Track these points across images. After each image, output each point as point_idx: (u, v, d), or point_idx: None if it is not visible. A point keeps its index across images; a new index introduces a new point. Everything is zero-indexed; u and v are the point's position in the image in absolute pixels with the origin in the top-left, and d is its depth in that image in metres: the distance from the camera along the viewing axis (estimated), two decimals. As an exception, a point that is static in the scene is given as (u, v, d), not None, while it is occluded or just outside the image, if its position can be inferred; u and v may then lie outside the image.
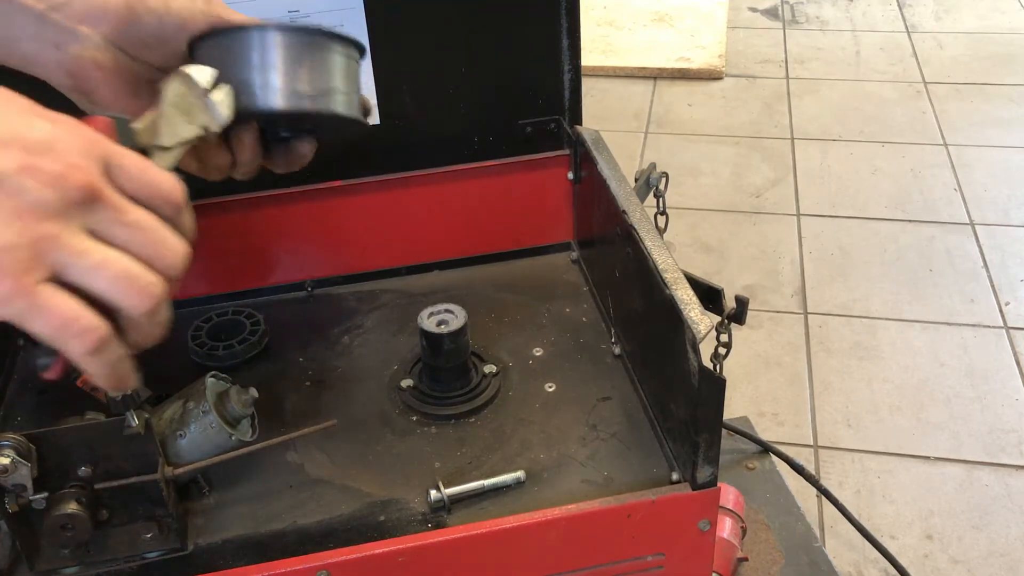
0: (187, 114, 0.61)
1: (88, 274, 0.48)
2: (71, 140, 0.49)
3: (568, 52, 0.87)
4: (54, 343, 0.48)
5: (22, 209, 0.46)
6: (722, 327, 0.65)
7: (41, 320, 0.47)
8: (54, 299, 0.47)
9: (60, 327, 0.47)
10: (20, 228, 0.46)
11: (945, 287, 1.82)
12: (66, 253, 0.47)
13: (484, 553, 0.64)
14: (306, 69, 0.65)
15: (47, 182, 0.47)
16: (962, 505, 1.38)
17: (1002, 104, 2.46)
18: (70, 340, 0.48)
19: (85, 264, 0.48)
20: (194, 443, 0.66)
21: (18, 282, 0.46)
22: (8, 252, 0.45)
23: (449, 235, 0.92)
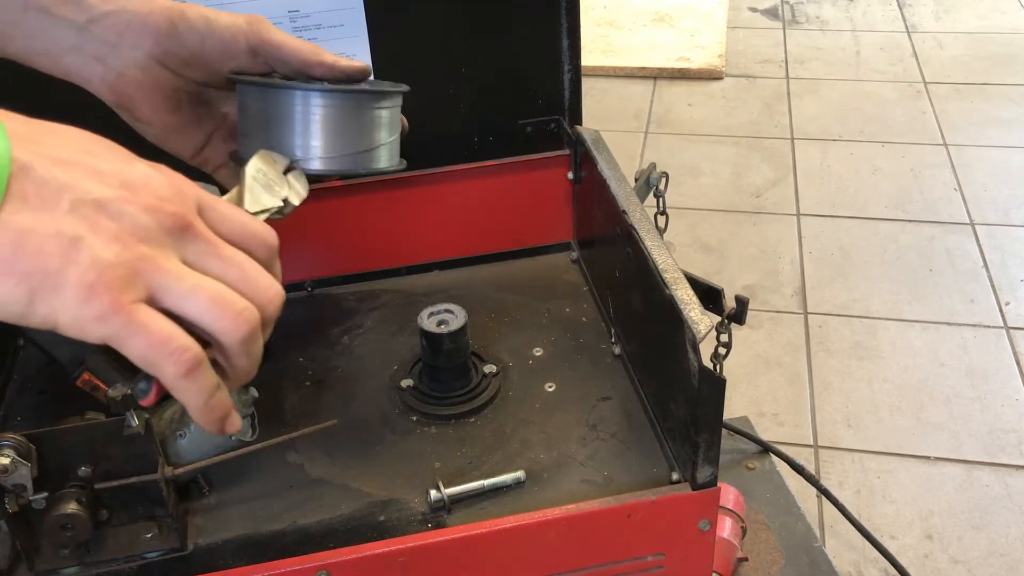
0: (267, 188, 0.63)
1: (184, 297, 0.48)
2: (167, 181, 0.50)
3: (568, 52, 0.87)
4: (147, 365, 0.48)
5: (121, 231, 0.47)
6: (722, 327, 0.65)
7: (136, 340, 0.47)
8: (150, 318, 0.47)
9: (155, 346, 0.47)
10: (119, 249, 0.46)
11: (945, 287, 1.82)
12: (162, 276, 0.48)
13: (484, 553, 0.64)
14: (349, 133, 0.66)
15: (144, 209, 0.48)
16: (962, 505, 1.38)
17: (1002, 104, 2.46)
18: (164, 361, 0.48)
19: (181, 287, 0.48)
20: (194, 443, 0.66)
21: (116, 300, 0.46)
22: (108, 270, 0.45)
23: (449, 235, 0.92)
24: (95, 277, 0.45)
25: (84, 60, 0.63)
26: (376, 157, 0.68)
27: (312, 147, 0.65)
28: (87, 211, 0.46)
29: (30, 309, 0.45)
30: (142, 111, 0.65)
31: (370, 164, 0.68)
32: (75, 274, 0.45)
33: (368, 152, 0.67)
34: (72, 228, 0.45)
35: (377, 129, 0.68)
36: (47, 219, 0.45)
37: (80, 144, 0.48)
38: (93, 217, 0.46)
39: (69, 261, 0.45)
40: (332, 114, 0.65)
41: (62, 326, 0.46)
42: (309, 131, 0.65)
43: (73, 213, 0.45)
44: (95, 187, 0.47)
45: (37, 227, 0.44)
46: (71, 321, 0.45)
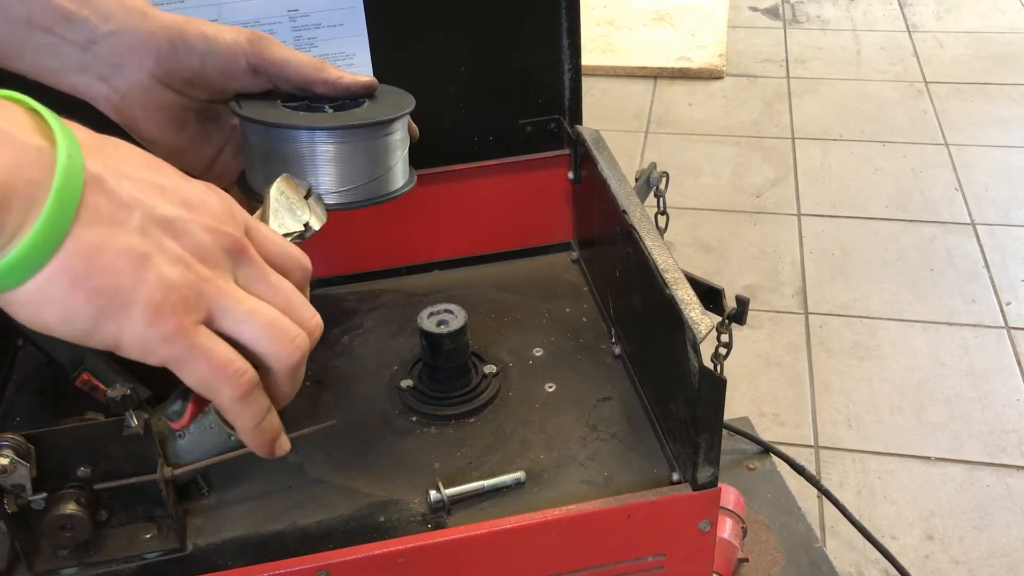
0: (290, 212, 0.63)
1: (241, 320, 0.48)
2: (220, 200, 0.50)
3: (568, 51, 0.87)
4: (205, 389, 0.48)
5: (186, 251, 0.46)
6: (722, 327, 0.65)
7: (197, 363, 0.47)
8: (211, 342, 0.47)
9: (215, 370, 0.47)
10: (184, 269, 0.46)
11: (946, 287, 1.82)
12: (222, 298, 0.48)
13: (484, 554, 0.64)
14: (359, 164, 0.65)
15: (205, 229, 0.47)
16: (963, 505, 1.38)
17: (1003, 104, 2.46)
18: (222, 384, 0.48)
19: (239, 309, 0.48)
20: (193, 443, 0.66)
21: (181, 322, 0.45)
22: (174, 291, 0.45)
23: (449, 235, 0.92)
24: (162, 297, 0.45)
25: (89, 80, 0.63)
26: (390, 181, 0.67)
27: (322, 183, 0.64)
28: (154, 228, 0.45)
29: (96, 327, 0.44)
30: (148, 131, 0.65)
31: (384, 189, 0.67)
32: (144, 293, 0.44)
33: (381, 178, 0.66)
34: (141, 245, 0.44)
35: (388, 154, 0.67)
36: (119, 235, 0.44)
37: (139, 159, 0.48)
38: (159, 235, 0.45)
39: (139, 280, 0.44)
40: (338, 149, 0.64)
41: (125, 346, 0.45)
42: (317, 169, 0.64)
43: (142, 231, 0.45)
44: (161, 204, 0.46)
45: (109, 242, 0.43)
46: (136, 342, 0.45)
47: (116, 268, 0.43)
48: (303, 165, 0.64)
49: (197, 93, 0.65)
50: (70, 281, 0.42)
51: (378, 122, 0.65)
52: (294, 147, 0.64)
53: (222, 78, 0.64)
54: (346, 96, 0.67)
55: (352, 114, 0.66)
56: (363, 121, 0.64)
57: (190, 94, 0.65)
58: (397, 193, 0.69)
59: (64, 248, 0.42)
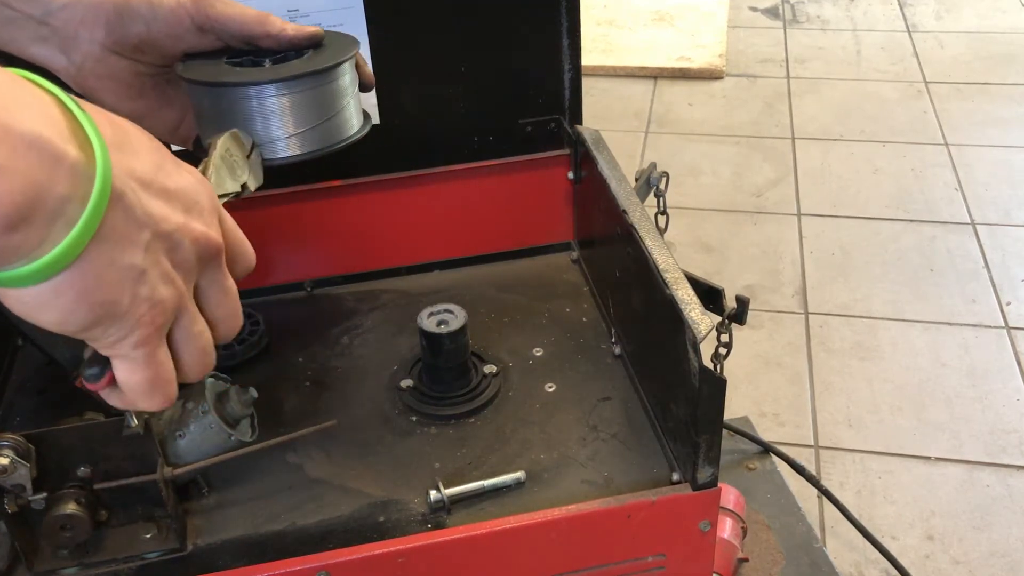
0: (231, 170, 0.63)
1: (186, 340, 0.50)
2: (207, 197, 0.50)
3: (568, 51, 0.87)
4: (129, 390, 0.49)
5: (175, 267, 0.48)
6: (722, 327, 0.65)
7: (144, 374, 0.48)
8: (166, 360, 0.49)
9: (152, 384, 0.49)
10: (171, 288, 0.47)
11: (946, 287, 1.82)
12: (185, 317, 0.49)
13: (484, 554, 0.64)
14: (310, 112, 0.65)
15: (194, 241, 0.48)
16: (963, 506, 1.38)
17: (1003, 104, 2.46)
18: (149, 396, 0.49)
19: (190, 331, 0.50)
20: (193, 443, 0.66)
21: (150, 335, 0.47)
22: (156, 306, 0.47)
23: (449, 235, 0.92)
24: (147, 311, 0.46)
25: (49, 52, 0.63)
26: (342, 126, 0.67)
27: (274, 135, 0.65)
28: (156, 246, 0.46)
29: (86, 332, 0.45)
30: (107, 100, 0.65)
31: (338, 136, 0.67)
32: (134, 308, 0.46)
33: (332, 124, 0.66)
34: (143, 262, 0.45)
35: (335, 99, 0.67)
36: (127, 252, 0.45)
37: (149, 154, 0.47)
38: (158, 253, 0.46)
39: (133, 296, 0.45)
40: (284, 101, 0.64)
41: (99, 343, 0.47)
42: (267, 122, 0.64)
43: (146, 249, 0.46)
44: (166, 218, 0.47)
45: (118, 260, 0.44)
46: (107, 343, 0.47)
47: (119, 285, 0.45)
48: (252, 121, 0.64)
49: (148, 58, 0.65)
50: (77, 294, 0.43)
51: (318, 70, 0.65)
52: (239, 104, 0.64)
53: (169, 40, 0.65)
54: (291, 48, 0.67)
55: (292, 65, 0.66)
56: (302, 71, 0.64)
57: (142, 60, 0.65)
58: (351, 138, 0.68)
59: (79, 263, 0.42)
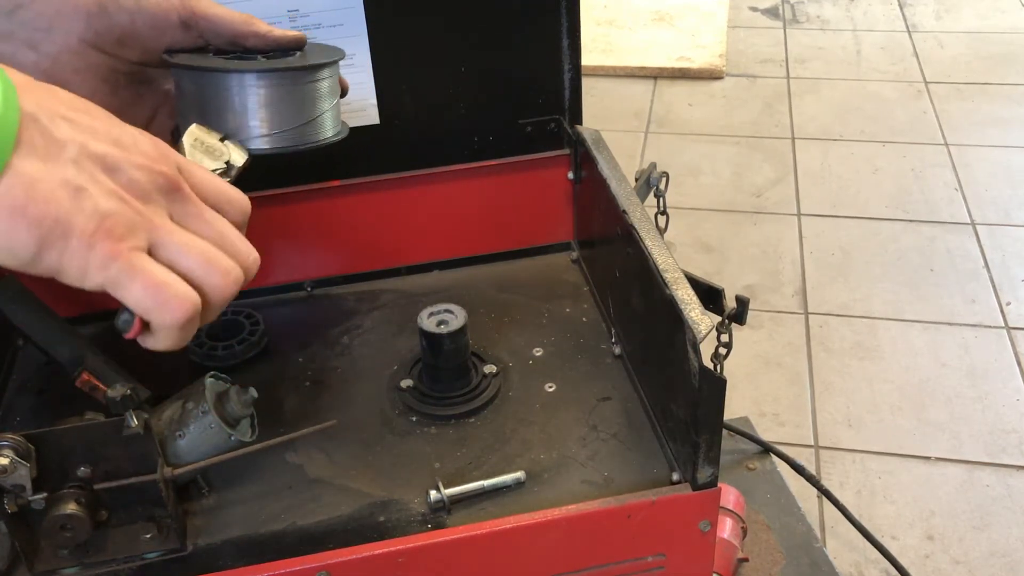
0: (208, 153, 0.63)
1: (178, 252, 0.51)
2: (151, 143, 0.52)
3: (568, 51, 0.87)
4: (145, 310, 0.50)
5: (119, 186, 0.49)
6: (722, 327, 0.65)
7: (135, 284, 0.49)
8: (149, 265, 0.49)
9: (154, 292, 0.49)
10: (118, 202, 0.48)
11: (946, 287, 1.82)
12: (157, 232, 0.50)
13: (484, 554, 0.64)
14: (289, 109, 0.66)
15: (137, 167, 0.50)
16: (963, 506, 1.38)
17: (1003, 104, 2.46)
18: (163, 308, 0.50)
19: (175, 242, 0.51)
20: (193, 443, 0.66)
21: (116, 247, 0.48)
22: (109, 219, 0.47)
23: (449, 235, 0.92)
24: (98, 224, 0.47)
25: (15, 47, 0.62)
26: (319, 128, 0.68)
27: (252, 127, 0.65)
28: (88, 164, 0.48)
29: (38, 256, 0.46)
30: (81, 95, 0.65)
31: (314, 136, 0.68)
32: (81, 221, 0.46)
33: (310, 124, 0.67)
34: (76, 178, 0.47)
35: (317, 101, 0.67)
36: (54, 168, 0.46)
37: (71, 101, 0.50)
38: (93, 170, 0.48)
39: (76, 209, 0.46)
40: (269, 93, 0.64)
41: (65, 272, 0.47)
42: (247, 112, 0.64)
43: (76, 164, 0.47)
44: (93, 142, 0.48)
45: (45, 175, 0.46)
46: (75, 268, 0.47)
47: (54, 198, 0.46)
48: (234, 110, 0.64)
49: (128, 54, 0.65)
50: (9, 211, 0.44)
51: (308, 66, 0.66)
52: (225, 92, 0.64)
53: (153, 34, 0.64)
54: (276, 48, 0.67)
55: (282, 61, 0.66)
56: (293, 65, 0.65)
57: (121, 55, 0.65)
58: (326, 141, 0.69)
59: (2, 180, 0.44)
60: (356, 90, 0.84)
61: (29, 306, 0.73)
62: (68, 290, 0.79)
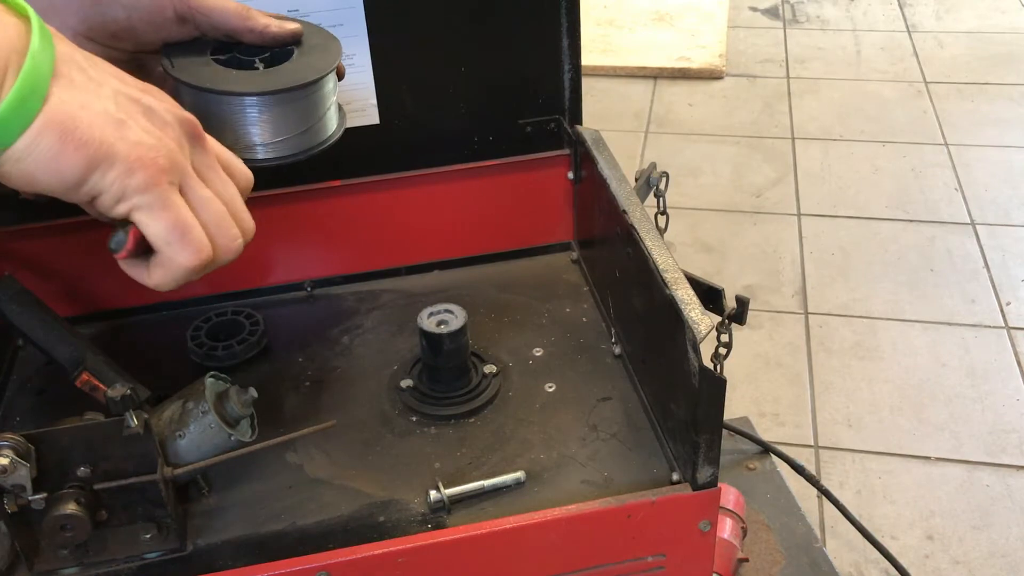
0: None
1: (200, 202, 0.53)
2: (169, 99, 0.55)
3: (568, 51, 0.87)
4: (162, 242, 0.52)
5: (154, 124, 0.52)
6: (722, 327, 0.65)
7: (166, 215, 0.51)
8: (180, 202, 0.52)
9: (180, 230, 0.52)
10: (157, 138, 0.51)
11: (946, 287, 1.82)
12: (188, 176, 0.53)
13: (484, 554, 0.64)
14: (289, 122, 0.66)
15: (166, 111, 0.53)
16: (963, 506, 1.38)
17: (1003, 104, 2.46)
18: (182, 247, 0.52)
19: (199, 193, 0.53)
20: (193, 443, 0.66)
21: (156, 176, 0.50)
22: (151, 150, 0.50)
23: (449, 235, 0.92)
24: (141, 153, 0.50)
25: None
26: (321, 130, 0.68)
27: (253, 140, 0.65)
28: (124, 101, 0.51)
29: (83, 178, 0.49)
30: None
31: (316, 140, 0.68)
32: (124, 148, 0.49)
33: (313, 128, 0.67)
34: (117, 112, 0.50)
35: (320, 105, 0.67)
36: (96, 100, 0.49)
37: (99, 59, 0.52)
38: (130, 107, 0.51)
39: (118, 136, 0.49)
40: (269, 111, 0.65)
41: (102, 195, 0.50)
42: (249, 128, 0.65)
43: (115, 100, 0.50)
44: (125, 86, 0.52)
45: (88, 104, 0.49)
46: (113, 192, 0.50)
47: (98, 124, 0.49)
48: (236, 125, 0.65)
49: (123, 45, 0.65)
50: (59, 134, 0.47)
51: (310, 83, 0.65)
52: (227, 109, 0.64)
53: (149, 28, 0.64)
54: (273, 45, 0.67)
55: (282, 71, 0.66)
56: (294, 84, 0.65)
57: (116, 47, 0.65)
58: (328, 142, 0.69)
59: (48, 105, 0.47)
60: (356, 90, 0.84)
61: (29, 306, 0.73)
62: (68, 290, 0.79)
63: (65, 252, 0.82)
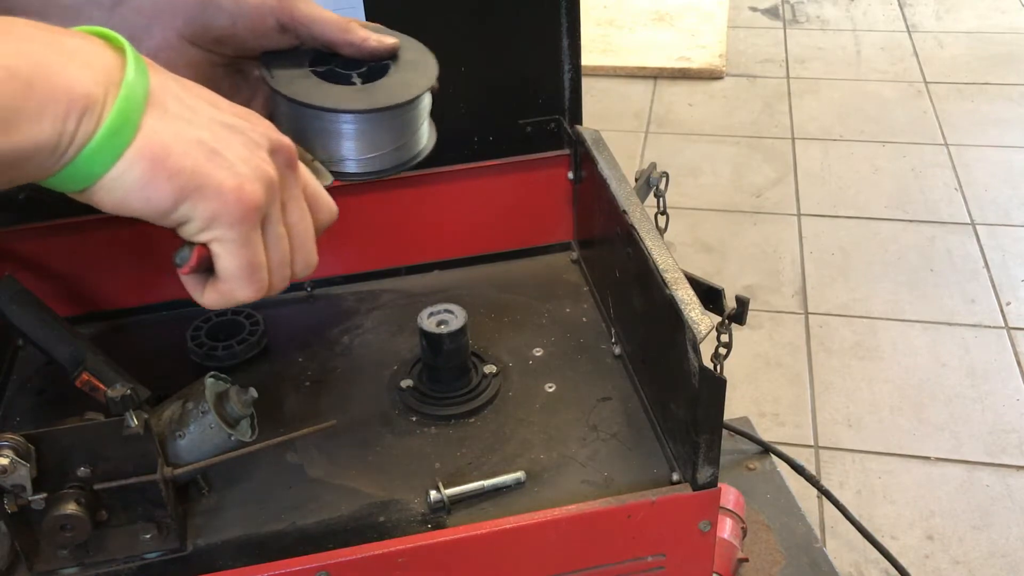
0: None
1: (273, 240, 0.53)
2: (268, 123, 0.54)
3: (568, 52, 0.87)
4: (231, 277, 0.52)
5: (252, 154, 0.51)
6: (722, 327, 0.65)
7: (242, 253, 0.51)
8: (258, 243, 0.52)
9: (250, 271, 0.52)
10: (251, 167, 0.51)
11: (946, 287, 1.82)
12: (274, 208, 0.52)
13: (484, 554, 0.64)
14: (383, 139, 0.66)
15: (263, 136, 0.53)
16: (963, 506, 1.38)
17: (1003, 104, 2.46)
18: (246, 284, 0.52)
19: (276, 231, 0.53)
20: (193, 443, 0.66)
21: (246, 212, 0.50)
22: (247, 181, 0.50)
23: (449, 235, 0.92)
24: (235, 184, 0.49)
25: None
26: (413, 145, 0.68)
27: (347, 154, 0.65)
28: (219, 129, 0.50)
29: (174, 207, 0.49)
30: None
31: (408, 155, 0.68)
32: (217, 177, 0.49)
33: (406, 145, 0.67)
34: (211, 140, 0.49)
35: (414, 123, 0.68)
36: (188, 129, 0.49)
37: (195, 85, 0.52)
38: (225, 135, 0.50)
39: (212, 165, 0.49)
40: (367, 129, 0.65)
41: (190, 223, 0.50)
42: (343, 143, 0.65)
43: (209, 128, 0.50)
44: (221, 114, 0.52)
45: (182, 133, 0.49)
46: (201, 220, 0.49)
47: (191, 153, 0.48)
48: (330, 139, 0.65)
49: (225, 51, 0.65)
50: (151, 162, 0.47)
51: (406, 102, 0.65)
52: (323, 124, 0.65)
53: (252, 36, 0.65)
54: (371, 59, 0.67)
55: (379, 88, 0.66)
56: (391, 103, 0.65)
57: (218, 51, 0.65)
58: (419, 157, 0.69)
59: (141, 134, 0.47)
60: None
61: (29, 306, 0.73)
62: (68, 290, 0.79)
63: (65, 252, 0.82)
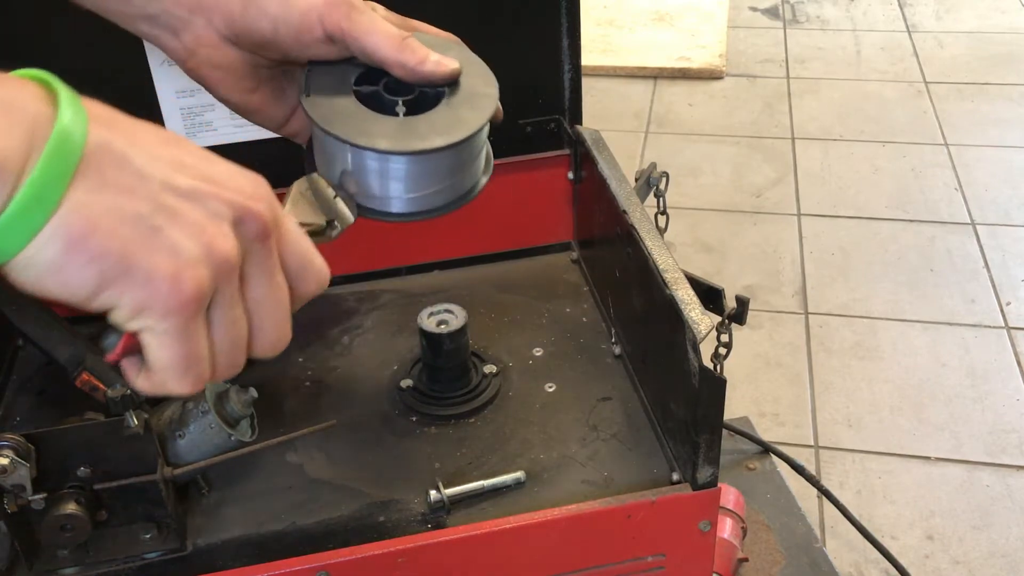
0: (313, 206, 0.60)
1: (223, 325, 0.46)
2: (250, 182, 0.47)
3: (568, 52, 0.87)
4: (160, 370, 0.45)
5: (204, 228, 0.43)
6: (722, 327, 0.65)
7: (175, 348, 0.44)
8: (197, 336, 0.44)
9: (184, 366, 0.45)
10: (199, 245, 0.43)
11: (946, 287, 1.82)
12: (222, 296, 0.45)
13: (484, 554, 0.64)
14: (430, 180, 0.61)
15: (228, 204, 0.44)
16: (963, 506, 1.38)
17: (1003, 104, 2.46)
18: (179, 379, 0.45)
19: (228, 314, 0.46)
20: (193, 443, 0.66)
21: (182, 304, 0.43)
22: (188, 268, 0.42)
23: (449, 235, 0.92)
24: (174, 270, 0.42)
25: (158, 31, 0.60)
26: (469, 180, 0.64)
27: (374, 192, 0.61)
28: (170, 199, 0.42)
29: (95, 294, 0.41)
30: (219, 91, 0.63)
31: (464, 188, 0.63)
32: (149, 264, 0.41)
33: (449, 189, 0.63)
34: (152, 214, 0.42)
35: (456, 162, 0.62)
36: (124, 200, 0.41)
37: (160, 134, 0.45)
38: (176, 207, 0.43)
39: (146, 248, 0.41)
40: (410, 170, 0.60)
41: (117, 311, 0.43)
42: (387, 186, 0.61)
43: (154, 199, 0.42)
44: (179, 177, 0.43)
45: (114, 206, 0.41)
46: (129, 309, 0.42)
47: (120, 234, 0.41)
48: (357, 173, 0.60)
49: (269, 55, 0.62)
50: (68, 243, 0.40)
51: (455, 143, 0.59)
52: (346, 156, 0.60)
53: (296, 45, 0.60)
54: (425, 85, 0.61)
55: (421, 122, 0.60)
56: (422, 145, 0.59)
57: (261, 54, 0.62)
58: (470, 196, 0.64)
59: (64, 208, 0.39)
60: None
61: (29, 306, 0.73)
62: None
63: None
